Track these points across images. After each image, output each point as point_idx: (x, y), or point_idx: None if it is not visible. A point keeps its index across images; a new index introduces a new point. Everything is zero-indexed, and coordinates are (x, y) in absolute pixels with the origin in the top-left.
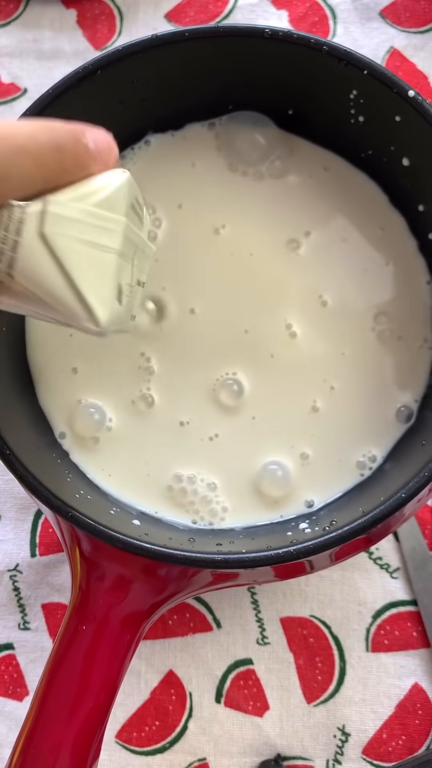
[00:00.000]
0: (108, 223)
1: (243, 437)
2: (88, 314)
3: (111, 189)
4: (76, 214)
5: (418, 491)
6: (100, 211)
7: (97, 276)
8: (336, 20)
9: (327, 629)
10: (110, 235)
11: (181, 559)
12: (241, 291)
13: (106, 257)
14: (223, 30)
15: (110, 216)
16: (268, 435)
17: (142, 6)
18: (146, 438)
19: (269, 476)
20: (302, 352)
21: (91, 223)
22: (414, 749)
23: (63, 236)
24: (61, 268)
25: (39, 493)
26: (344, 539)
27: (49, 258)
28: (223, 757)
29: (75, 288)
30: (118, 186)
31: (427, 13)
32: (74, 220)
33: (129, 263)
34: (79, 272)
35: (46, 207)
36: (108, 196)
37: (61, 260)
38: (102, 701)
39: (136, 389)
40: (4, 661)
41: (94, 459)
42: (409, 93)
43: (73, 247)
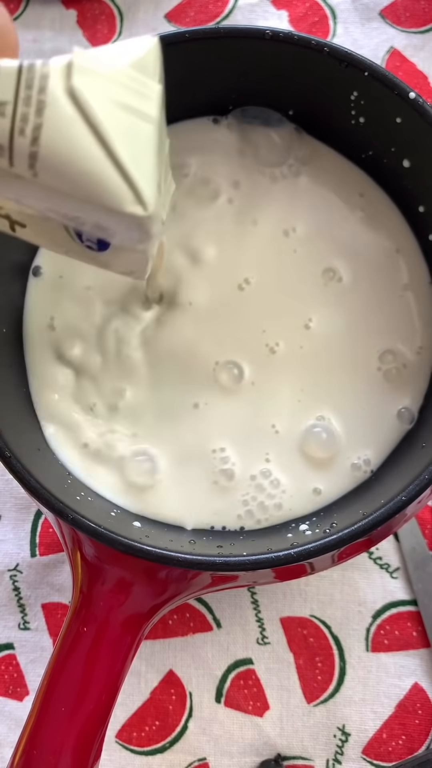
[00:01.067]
0: (143, 87)
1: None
2: (133, 193)
3: (143, 50)
4: (108, 70)
5: (418, 494)
6: (134, 72)
7: (138, 146)
8: (336, 20)
9: (327, 629)
10: (147, 101)
11: (182, 562)
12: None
13: (145, 127)
14: (223, 31)
15: (145, 79)
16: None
17: (142, 6)
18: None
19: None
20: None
21: (125, 83)
22: (414, 749)
23: (95, 93)
24: (96, 134)
25: (40, 495)
26: (345, 542)
27: (82, 121)
28: (223, 757)
29: (115, 158)
30: (151, 47)
31: (427, 13)
32: (106, 77)
33: (162, 160)
34: (118, 139)
35: (73, 59)
36: (141, 58)
37: (95, 123)
38: (103, 702)
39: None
40: (4, 661)
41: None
42: (410, 95)
43: (109, 109)
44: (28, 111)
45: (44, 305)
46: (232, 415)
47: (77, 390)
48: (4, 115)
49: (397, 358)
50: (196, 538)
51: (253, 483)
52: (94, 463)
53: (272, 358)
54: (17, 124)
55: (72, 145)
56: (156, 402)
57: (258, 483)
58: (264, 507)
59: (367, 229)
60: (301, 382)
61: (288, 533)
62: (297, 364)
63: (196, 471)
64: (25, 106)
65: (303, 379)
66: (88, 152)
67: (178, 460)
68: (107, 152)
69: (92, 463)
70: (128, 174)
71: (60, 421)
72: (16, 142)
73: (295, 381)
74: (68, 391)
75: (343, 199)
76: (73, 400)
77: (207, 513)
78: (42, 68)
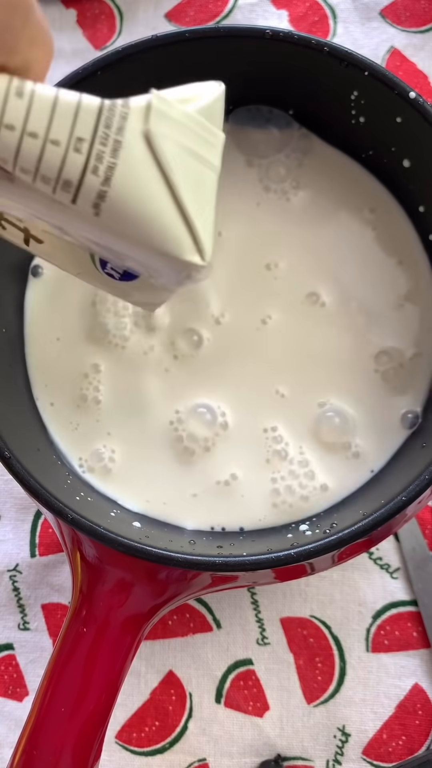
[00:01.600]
0: (209, 135)
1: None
2: (194, 242)
3: (211, 97)
4: (181, 116)
5: (418, 494)
6: (202, 119)
7: (201, 195)
8: (336, 20)
9: (327, 629)
10: (211, 149)
11: (182, 562)
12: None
13: (209, 175)
14: (223, 31)
15: (211, 126)
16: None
17: (142, 5)
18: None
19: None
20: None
21: (195, 130)
22: (414, 749)
23: (169, 140)
24: (166, 180)
25: (40, 495)
26: (345, 542)
27: (154, 165)
28: (223, 757)
29: (181, 205)
30: (218, 96)
31: (427, 13)
32: (178, 122)
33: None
34: (185, 186)
35: (152, 101)
36: (208, 105)
37: (167, 169)
38: (103, 703)
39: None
40: (4, 662)
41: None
42: (410, 94)
43: (179, 155)
44: (104, 150)
45: (44, 305)
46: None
47: (79, 390)
48: (79, 151)
49: (392, 359)
50: (195, 538)
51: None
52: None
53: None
54: (91, 162)
55: (142, 188)
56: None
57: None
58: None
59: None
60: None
61: (288, 533)
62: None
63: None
64: (102, 145)
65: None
66: (156, 198)
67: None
68: (174, 199)
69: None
70: (191, 222)
71: (61, 421)
72: (86, 179)
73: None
74: (69, 391)
75: (348, 203)
76: (75, 400)
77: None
78: (122, 108)
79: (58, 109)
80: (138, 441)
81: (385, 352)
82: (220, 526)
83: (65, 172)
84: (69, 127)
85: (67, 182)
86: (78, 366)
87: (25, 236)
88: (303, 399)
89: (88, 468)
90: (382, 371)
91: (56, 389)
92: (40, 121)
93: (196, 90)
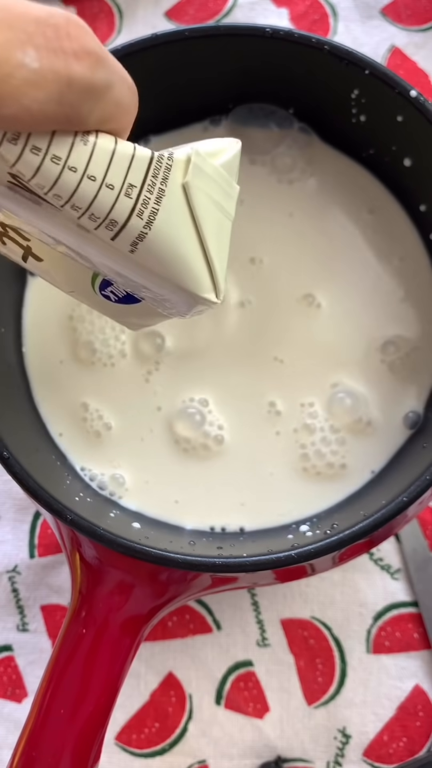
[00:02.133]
0: (229, 187)
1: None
2: (212, 282)
3: (232, 153)
4: (211, 170)
5: (419, 495)
6: (225, 173)
7: (220, 242)
8: (337, 18)
9: (328, 631)
10: (230, 200)
11: (182, 563)
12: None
13: (227, 224)
14: (223, 29)
15: (231, 180)
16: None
17: (141, 4)
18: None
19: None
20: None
21: (219, 183)
22: (415, 751)
23: (201, 192)
24: (196, 227)
25: (39, 496)
26: (345, 543)
27: (188, 213)
28: (223, 759)
29: (206, 250)
30: (237, 151)
31: (427, 11)
32: (209, 176)
33: None
34: (210, 235)
35: (192, 157)
36: (230, 160)
37: (198, 218)
38: (102, 705)
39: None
40: (3, 663)
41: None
42: (411, 93)
43: (208, 205)
44: (150, 197)
45: (43, 305)
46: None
47: (78, 388)
48: (129, 196)
49: (399, 349)
50: (195, 539)
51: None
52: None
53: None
54: (138, 207)
55: (176, 233)
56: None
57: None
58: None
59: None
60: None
61: (288, 534)
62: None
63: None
64: (149, 192)
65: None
66: (187, 241)
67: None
68: (201, 244)
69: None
70: (212, 265)
71: (61, 420)
72: (131, 221)
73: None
74: (69, 390)
75: (350, 204)
76: (75, 398)
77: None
78: (167, 161)
79: (116, 158)
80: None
81: (391, 342)
82: (221, 526)
83: (114, 213)
84: (123, 174)
85: (113, 222)
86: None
87: (24, 253)
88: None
89: (88, 469)
90: (389, 362)
91: (56, 389)
92: (99, 166)
93: (220, 145)
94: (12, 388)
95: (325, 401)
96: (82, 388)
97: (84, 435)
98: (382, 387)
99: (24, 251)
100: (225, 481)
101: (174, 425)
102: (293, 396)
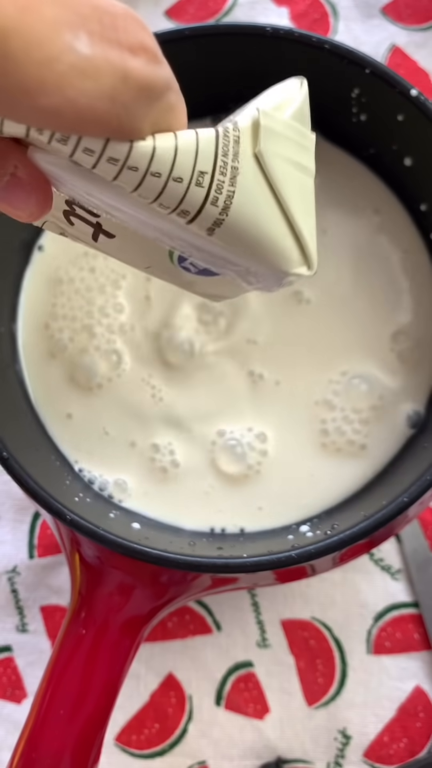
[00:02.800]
0: (304, 140)
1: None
2: (302, 255)
3: (300, 98)
4: (281, 127)
5: (420, 495)
6: (297, 125)
7: (305, 205)
8: (337, 17)
9: (328, 631)
10: (308, 154)
11: (182, 564)
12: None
13: (309, 182)
14: (223, 28)
15: (305, 130)
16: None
17: (141, 3)
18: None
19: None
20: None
21: (293, 138)
22: (415, 752)
23: (277, 156)
24: (277, 199)
25: (38, 496)
26: (346, 543)
27: (266, 186)
28: (223, 760)
29: (292, 222)
30: (305, 94)
31: (428, 10)
32: (281, 135)
33: None
34: (294, 202)
35: (260, 119)
36: (298, 108)
37: (278, 188)
38: (102, 705)
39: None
40: (2, 664)
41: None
42: (412, 92)
43: (286, 169)
44: (223, 180)
45: (41, 304)
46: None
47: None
48: (201, 185)
49: (409, 338)
50: (196, 539)
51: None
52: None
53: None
54: (211, 195)
55: (256, 211)
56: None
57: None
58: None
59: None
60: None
61: (288, 534)
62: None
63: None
64: (222, 174)
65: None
66: (269, 217)
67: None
68: (284, 215)
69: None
70: (301, 236)
71: (62, 420)
72: (205, 210)
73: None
74: (68, 388)
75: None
76: (75, 397)
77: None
78: (234, 132)
79: (180, 152)
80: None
81: (401, 332)
82: (221, 527)
83: (185, 204)
84: (191, 165)
85: (185, 212)
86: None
87: (94, 231)
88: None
89: (87, 469)
90: (398, 350)
91: (55, 390)
92: (163, 164)
93: (285, 93)
94: (11, 388)
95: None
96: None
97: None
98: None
99: (94, 229)
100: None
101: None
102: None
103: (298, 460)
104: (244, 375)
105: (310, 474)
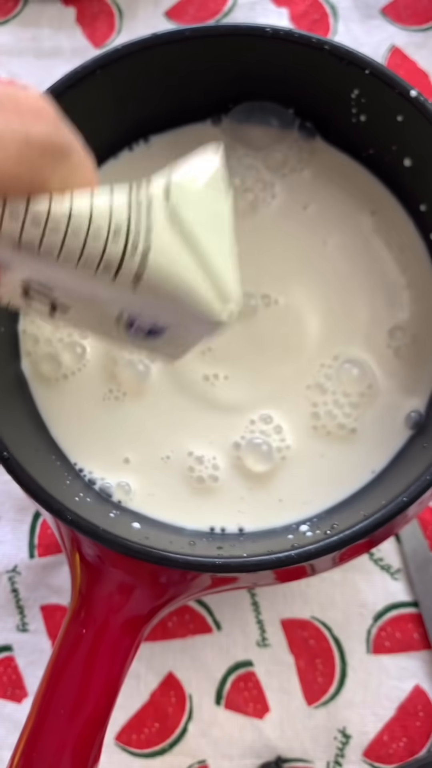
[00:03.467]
0: (218, 203)
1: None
2: (225, 303)
3: (212, 169)
4: (194, 195)
5: (419, 495)
6: (210, 190)
7: (223, 246)
8: (337, 18)
9: (328, 631)
10: (223, 209)
11: (183, 563)
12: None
13: (226, 231)
14: (223, 29)
15: (218, 194)
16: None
17: (141, 3)
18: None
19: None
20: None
21: (206, 203)
22: (415, 751)
23: (189, 211)
24: (192, 249)
25: (38, 496)
26: (345, 543)
27: (181, 240)
28: (223, 759)
29: (209, 269)
30: (218, 165)
31: (428, 11)
32: (194, 202)
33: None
34: (209, 249)
35: (171, 177)
36: (211, 177)
37: (191, 240)
38: (102, 705)
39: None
40: (3, 663)
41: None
42: (411, 93)
43: (199, 221)
44: (139, 237)
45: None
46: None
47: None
48: (117, 243)
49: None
50: (196, 539)
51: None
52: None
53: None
54: (129, 249)
55: (174, 264)
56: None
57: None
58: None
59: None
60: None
61: (288, 534)
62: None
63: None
64: (136, 234)
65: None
66: (187, 268)
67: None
68: (202, 265)
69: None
70: (222, 286)
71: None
72: (125, 264)
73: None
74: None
75: (351, 202)
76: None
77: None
78: (147, 196)
79: (95, 211)
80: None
81: (398, 327)
82: (220, 527)
83: (105, 261)
84: (106, 224)
85: (108, 268)
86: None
87: (51, 306)
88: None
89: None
90: (395, 347)
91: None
92: (80, 225)
93: (197, 164)
94: (11, 388)
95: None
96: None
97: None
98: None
99: (50, 302)
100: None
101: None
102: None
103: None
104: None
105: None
